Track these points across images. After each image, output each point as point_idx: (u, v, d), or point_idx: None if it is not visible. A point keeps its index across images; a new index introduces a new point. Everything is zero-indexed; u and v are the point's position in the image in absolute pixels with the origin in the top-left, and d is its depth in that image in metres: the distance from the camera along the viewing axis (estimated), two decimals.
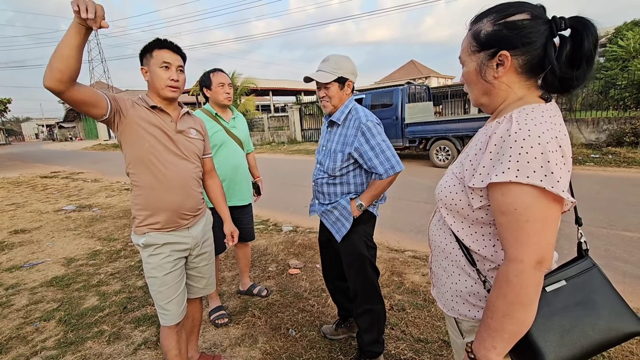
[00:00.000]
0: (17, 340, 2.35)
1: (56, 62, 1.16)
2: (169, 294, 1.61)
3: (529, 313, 0.72)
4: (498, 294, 0.74)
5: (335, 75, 1.71)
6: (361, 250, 1.81)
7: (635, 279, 2.73)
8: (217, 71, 2.35)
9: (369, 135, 1.67)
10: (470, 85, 0.90)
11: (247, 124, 2.65)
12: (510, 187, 0.71)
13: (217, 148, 2.31)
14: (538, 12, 0.78)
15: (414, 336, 2.14)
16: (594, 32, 0.73)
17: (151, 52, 1.52)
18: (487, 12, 0.83)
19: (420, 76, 32.48)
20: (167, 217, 1.56)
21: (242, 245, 2.71)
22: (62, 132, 45.36)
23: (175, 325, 1.65)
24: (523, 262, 0.70)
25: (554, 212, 0.72)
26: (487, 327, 0.76)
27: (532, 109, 0.77)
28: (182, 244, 1.63)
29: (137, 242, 1.57)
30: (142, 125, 1.49)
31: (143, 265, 1.62)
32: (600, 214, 4.22)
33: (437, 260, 0.99)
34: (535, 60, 0.78)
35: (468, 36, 0.86)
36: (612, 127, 8.53)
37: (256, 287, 2.80)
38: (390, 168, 1.68)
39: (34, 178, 10.74)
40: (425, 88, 10.59)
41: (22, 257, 3.90)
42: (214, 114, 2.35)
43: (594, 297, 0.78)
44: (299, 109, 16.48)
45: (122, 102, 1.47)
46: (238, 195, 2.44)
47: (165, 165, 1.53)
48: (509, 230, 0.73)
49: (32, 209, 6.29)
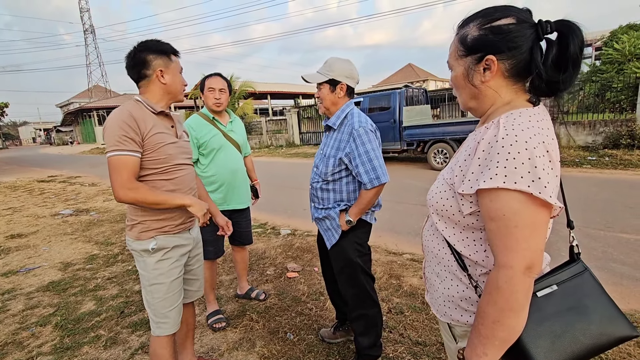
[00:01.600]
0: (12, 345, 2.33)
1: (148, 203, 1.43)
2: (174, 300, 1.58)
3: (520, 319, 0.72)
4: (488, 300, 0.73)
5: (326, 77, 1.73)
6: (351, 256, 1.80)
7: (633, 281, 2.73)
8: (212, 76, 2.34)
9: (359, 142, 1.66)
10: (458, 89, 0.90)
11: (244, 127, 2.65)
12: (498, 193, 0.71)
13: (215, 152, 2.31)
14: (524, 16, 0.78)
15: (412, 339, 2.13)
16: (580, 35, 0.73)
17: (169, 56, 1.53)
18: (474, 17, 0.83)
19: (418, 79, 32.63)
20: (180, 219, 1.58)
21: (240, 249, 2.71)
22: (60, 136, 45.25)
23: (173, 334, 1.63)
24: (512, 267, 0.70)
25: (543, 217, 0.72)
26: (478, 334, 0.76)
27: (520, 113, 0.77)
28: (186, 245, 1.64)
29: (145, 248, 1.50)
30: (158, 134, 1.49)
31: (145, 273, 1.54)
32: (597, 216, 4.23)
33: (430, 266, 0.99)
34: (521, 64, 0.78)
35: (455, 40, 0.86)
36: (608, 129, 8.58)
37: (254, 291, 2.79)
38: (375, 178, 1.65)
39: (31, 182, 10.69)
40: (423, 91, 10.64)
41: (18, 262, 3.88)
42: (211, 117, 2.35)
43: (585, 301, 0.78)
44: (297, 112, 16.50)
45: (138, 135, 1.41)
46: (237, 199, 2.44)
47: (179, 168, 1.57)
48: (498, 236, 0.73)
49: (29, 214, 6.26)
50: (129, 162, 1.38)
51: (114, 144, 1.37)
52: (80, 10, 47.20)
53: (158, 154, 1.47)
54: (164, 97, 1.55)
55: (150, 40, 1.53)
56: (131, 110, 1.43)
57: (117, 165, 1.37)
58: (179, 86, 1.57)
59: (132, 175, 1.39)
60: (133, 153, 1.39)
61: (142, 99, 1.51)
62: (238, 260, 2.76)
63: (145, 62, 1.48)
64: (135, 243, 1.52)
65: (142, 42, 1.52)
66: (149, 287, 1.54)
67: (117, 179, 1.37)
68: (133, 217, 1.52)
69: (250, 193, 2.62)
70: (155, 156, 1.47)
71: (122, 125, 1.38)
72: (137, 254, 1.54)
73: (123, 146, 1.37)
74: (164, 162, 1.50)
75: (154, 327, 1.60)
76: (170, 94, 1.56)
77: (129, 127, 1.38)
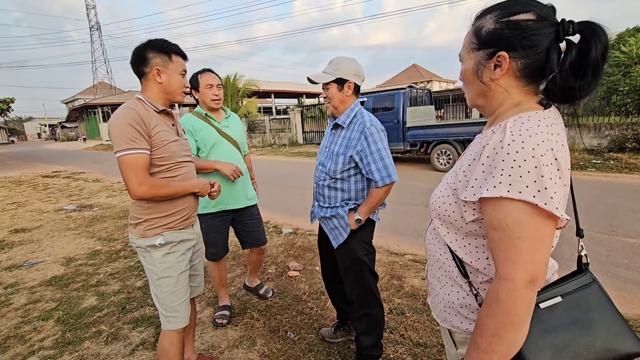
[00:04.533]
0: (14, 339, 2.34)
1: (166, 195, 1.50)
2: (182, 294, 1.60)
3: (520, 334, 0.69)
4: (488, 312, 0.70)
5: (333, 76, 1.72)
6: (359, 255, 1.80)
7: (637, 286, 2.71)
8: (205, 72, 2.26)
9: (371, 140, 1.68)
10: (466, 84, 0.85)
11: (242, 124, 2.56)
12: (502, 202, 0.68)
13: (209, 149, 2.24)
14: (546, 13, 0.72)
15: (413, 340, 2.13)
16: (604, 40, 0.67)
17: (170, 56, 1.52)
18: (492, 8, 0.78)
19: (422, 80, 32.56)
20: (186, 214, 1.60)
21: (255, 251, 2.60)
22: (65, 132, 45.55)
23: (183, 329, 1.63)
24: (514, 280, 0.67)
25: (548, 229, 0.68)
26: (476, 347, 0.72)
27: (528, 117, 0.72)
28: (191, 240, 1.66)
29: (151, 244, 1.51)
30: (162, 132, 1.50)
31: (152, 267, 1.54)
32: (601, 219, 4.20)
33: (432, 270, 0.97)
34: (535, 65, 0.73)
35: (470, 32, 0.81)
36: (614, 133, 8.51)
37: (263, 288, 2.77)
38: (387, 176, 1.67)
39: (36, 177, 10.77)
40: (427, 92, 10.61)
41: (21, 256, 3.90)
42: (204, 114, 2.28)
43: (591, 315, 0.74)
44: (300, 112, 16.51)
45: (146, 133, 1.43)
46: (234, 198, 2.34)
47: (182, 165, 1.59)
48: (501, 247, 0.69)
49: (32, 208, 6.30)
50: (143, 160, 1.40)
51: (126, 143, 1.37)
52: (86, 7, 47.49)
53: (163, 152, 1.48)
54: (161, 96, 1.55)
55: (158, 38, 1.53)
56: (136, 108, 1.43)
57: (132, 164, 1.38)
58: (175, 87, 1.55)
59: (147, 172, 1.42)
60: (145, 150, 1.41)
61: (144, 97, 1.51)
62: (253, 261, 2.69)
63: (144, 59, 1.49)
64: (141, 240, 1.52)
65: (150, 39, 1.52)
66: (157, 281, 1.55)
67: (133, 178, 1.38)
68: (137, 215, 1.52)
69: (253, 191, 2.56)
70: (160, 154, 1.48)
71: (132, 123, 1.38)
72: (143, 250, 1.54)
73: (136, 144, 1.38)
74: (168, 160, 1.51)
75: (164, 322, 1.60)
76: (167, 94, 1.55)
77: (137, 124, 1.39)
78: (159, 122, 1.50)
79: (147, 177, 1.42)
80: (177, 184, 1.53)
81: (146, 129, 1.42)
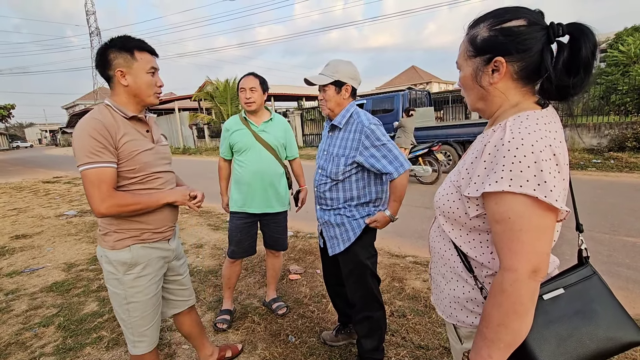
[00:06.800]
0: (15, 346, 2.34)
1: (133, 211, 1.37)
2: (151, 318, 1.49)
3: (524, 323, 0.72)
4: (493, 303, 0.73)
5: (331, 78, 1.72)
6: (362, 259, 1.80)
7: (638, 285, 2.70)
8: (246, 76, 2.32)
9: (374, 138, 1.68)
10: (466, 90, 0.90)
11: (287, 128, 2.48)
12: (504, 196, 0.71)
13: (241, 152, 2.31)
14: (535, 18, 0.77)
15: (415, 343, 2.12)
16: (592, 39, 0.73)
17: (132, 53, 1.35)
18: (484, 17, 0.83)
19: (422, 82, 32.61)
20: (160, 225, 1.48)
21: (271, 254, 2.60)
22: (65, 137, 45.64)
23: (155, 349, 1.55)
24: (517, 271, 0.70)
25: (548, 221, 0.71)
26: (483, 337, 0.76)
27: (527, 116, 0.76)
28: (164, 258, 1.53)
29: (117, 259, 1.39)
30: (132, 142, 1.37)
31: (120, 292, 1.43)
32: (602, 219, 4.19)
33: (436, 267, 0.99)
34: (531, 67, 0.78)
35: (465, 41, 0.86)
36: (613, 132, 8.52)
37: (277, 303, 2.62)
38: (400, 166, 1.69)
39: (36, 183, 10.78)
40: (426, 93, 10.65)
41: (22, 262, 3.90)
42: (243, 117, 2.35)
43: (593, 305, 0.77)
44: (300, 114, 16.54)
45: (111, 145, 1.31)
46: (256, 203, 2.32)
47: (157, 176, 1.47)
48: (504, 239, 0.73)
49: (33, 214, 6.30)
50: (107, 174, 1.28)
51: (87, 156, 1.25)
52: (86, 13, 47.65)
53: (133, 163, 1.36)
54: (130, 100, 1.39)
55: (117, 36, 1.38)
56: (100, 117, 1.31)
57: (95, 179, 1.26)
58: (144, 88, 1.38)
59: (112, 187, 1.30)
60: (109, 164, 1.29)
61: (112, 103, 1.37)
62: (269, 267, 2.67)
63: (106, 62, 1.34)
64: (111, 253, 1.39)
65: (111, 38, 1.36)
66: (126, 305, 1.43)
67: (95, 194, 1.27)
68: (106, 225, 1.40)
69: (280, 198, 2.41)
70: (129, 165, 1.35)
71: (94, 135, 1.26)
72: (111, 269, 1.41)
73: (98, 157, 1.26)
74: (139, 171, 1.38)
75: (131, 347, 1.51)
76: (135, 97, 1.39)
77: (101, 136, 1.27)
78: (129, 130, 1.37)
79: (112, 192, 1.29)
80: (147, 198, 1.39)
81: (112, 140, 1.29)
